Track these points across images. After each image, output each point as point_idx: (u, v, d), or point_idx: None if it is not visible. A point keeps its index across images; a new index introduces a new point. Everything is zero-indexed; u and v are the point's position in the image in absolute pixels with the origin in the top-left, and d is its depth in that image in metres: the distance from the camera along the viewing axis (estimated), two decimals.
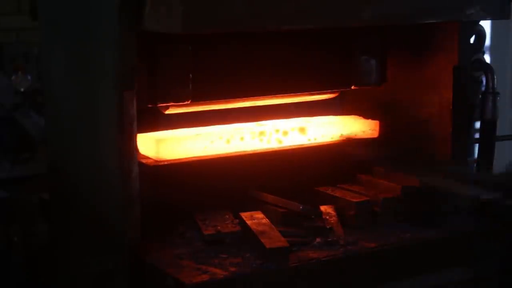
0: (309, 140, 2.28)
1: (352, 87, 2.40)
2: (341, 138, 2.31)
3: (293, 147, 2.25)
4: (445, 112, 2.31)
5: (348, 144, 2.24)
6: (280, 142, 2.24)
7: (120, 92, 1.81)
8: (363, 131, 2.36)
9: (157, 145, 2.07)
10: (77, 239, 2.10)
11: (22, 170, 3.17)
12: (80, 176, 2.06)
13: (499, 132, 2.40)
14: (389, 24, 2.11)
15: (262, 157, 2.19)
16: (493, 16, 2.18)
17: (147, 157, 2.09)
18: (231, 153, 2.16)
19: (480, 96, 2.35)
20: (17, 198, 2.74)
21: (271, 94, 2.27)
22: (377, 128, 2.37)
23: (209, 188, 2.09)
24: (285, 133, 2.24)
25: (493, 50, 5.12)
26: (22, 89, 3.58)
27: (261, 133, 2.21)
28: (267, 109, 2.34)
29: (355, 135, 2.35)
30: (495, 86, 2.34)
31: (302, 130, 2.27)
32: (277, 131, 2.23)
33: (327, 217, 2.07)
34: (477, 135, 2.43)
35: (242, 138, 2.18)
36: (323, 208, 2.11)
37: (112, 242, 1.92)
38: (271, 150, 2.21)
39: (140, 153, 2.11)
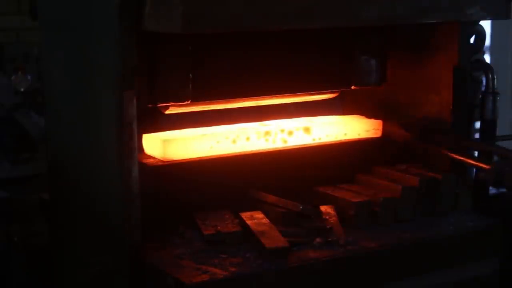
0: (313, 140, 2.28)
1: (352, 87, 2.40)
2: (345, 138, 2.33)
3: (298, 147, 2.25)
4: (445, 112, 2.31)
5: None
6: (285, 142, 2.24)
7: (120, 92, 1.82)
8: (367, 131, 2.36)
9: (164, 146, 2.07)
10: (77, 239, 2.10)
11: (22, 170, 3.17)
12: (80, 176, 2.06)
13: (499, 132, 2.40)
14: (389, 24, 2.11)
15: (263, 157, 2.19)
16: (493, 16, 2.18)
17: (152, 157, 2.10)
18: (230, 153, 2.16)
19: (480, 96, 2.35)
20: (17, 198, 2.74)
21: (270, 94, 2.27)
22: (380, 127, 2.37)
23: (209, 188, 2.09)
24: (290, 133, 2.24)
25: (493, 50, 5.12)
26: (22, 89, 3.58)
27: (267, 133, 2.21)
28: (266, 109, 2.34)
29: (359, 134, 2.35)
30: (495, 86, 2.34)
31: (306, 130, 2.27)
32: (282, 131, 2.24)
33: (327, 217, 2.08)
34: (477, 135, 2.43)
35: (248, 138, 2.18)
36: (323, 208, 2.11)
37: (112, 242, 1.92)
38: (271, 150, 2.22)
39: (145, 153, 2.12)
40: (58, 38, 2.10)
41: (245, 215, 2.03)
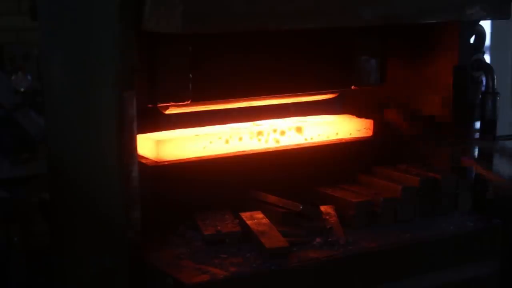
0: (305, 139, 2.28)
1: (352, 87, 2.40)
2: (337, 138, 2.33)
3: (292, 147, 2.25)
4: (445, 112, 2.31)
5: None
6: (277, 141, 2.24)
7: (120, 92, 1.81)
8: (358, 130, 2.37)
9: (157, 146, 2.07)
10: (77, 239, 2.10)
11: (22, 170, 3.17)
12: (80, 176, 2.06)
13: (499, 132, 2.40)
14: (389, 24, 2.11)
15: (262, 157, 2.19)
16: (493, 16, 2.18)
17: (147, 158, 2.09)
18: (231, 153, 2.16)
19: (480, 96, 2.35)
20: (17, 198, 2.74)
21: (271, 94, 2.27)
22: (371, 127, 2.38)
23: (209, 188, 2.09)
24: (283, 132, 2.25)
25: (493, 50, 5.12)
26: (22, 89, 3.58)
27: (259, 133, 2.22)
28: (266, 109, 2.34)
29: (350, 134, 2.36)
30: (495, 86, 2.34)
31: (299, 129, 2.28)
32: (275, 130, 2.24)
33: (327, 217, 2.08)
34: (477, 135, 2.43)
35: (240, 138, 2.19)
36: (323, 208, 2.11)
37: (112, 242, 1.92)
38: (270, 150, 2.22)
39: (138, 154, 2.11)
40: (58, 38, 2.10)
41: (245, 215, 2.03)
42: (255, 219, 2.02)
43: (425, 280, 2.06)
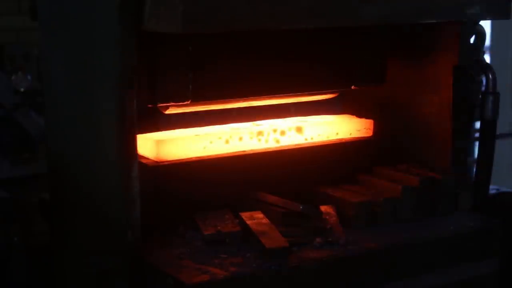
0: (306, 139, 2.28)
1: (352, 87, 2.40)
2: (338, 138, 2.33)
3: (292, 147, 2.25)
4: (445, 112, 2.31)
5: None
6: (277, 141, 2.24)
7: (120, 92, 1.82)
8: (358, 130, 2.37)
9: (157, 146, 2.07)
10: (77, 239, 2.10)
11: (22, 170, 3.17)
12: (80, 176, 2.06)
13: (499, 132, 2.40)
14: (389, 24, 2.11)
15: (262, 157, 2.19)
16: (493, 16, 2.18)
17: (147, 158, 2.10)
18: (231, 153, 2.16)
19: (480, 96, 2.35)
20: (17, 198, 2.74)
21: (271, 94, 2.27)
22: (371, 127, 2.38)
23: (209, 188, 2.09)
24: (283, 132, 2.25)
25: (493, 50, 5.12)
26: (22, 89, 3.58)
27: (259, 133, 2.22)
28: (266, 109, 2.34)
29: (350, 134, 2.35)
30: (495, 86, 2.34)
31: (299, 129, 2.28)
32: (275, 131, 2.24)
33: (327, 217, 2.08)
34: (477, 135, 2.43)
35: (240, 138, 2.19)
36: (323, 208, 2.11)
37: (112, 242, 1.92)
38: (270, 150, 2.22)
39: (139, 154, 2.11)
40: (58, 38, 2.10)
41: (245, 215, 2.03)
42: (255, 219, 2.02)
43: (425, 280, 2.06)
